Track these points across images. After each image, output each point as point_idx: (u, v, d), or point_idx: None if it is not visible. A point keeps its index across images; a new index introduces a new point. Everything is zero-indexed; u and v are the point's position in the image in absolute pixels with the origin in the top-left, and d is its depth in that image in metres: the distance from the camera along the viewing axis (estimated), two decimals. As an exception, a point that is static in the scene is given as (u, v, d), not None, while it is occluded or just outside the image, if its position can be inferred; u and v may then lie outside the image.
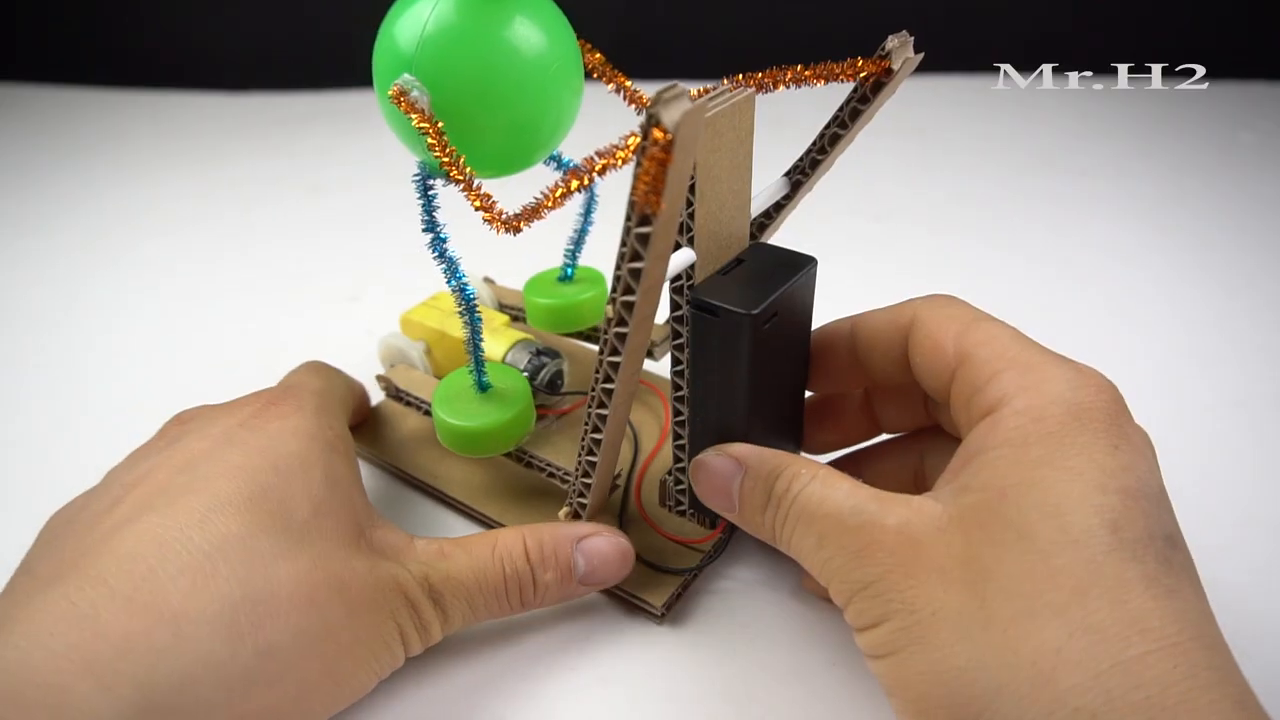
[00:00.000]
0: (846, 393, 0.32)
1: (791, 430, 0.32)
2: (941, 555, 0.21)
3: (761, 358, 0.27)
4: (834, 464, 0.33)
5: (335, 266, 0.57)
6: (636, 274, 0.22)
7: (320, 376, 0.34)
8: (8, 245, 0.61)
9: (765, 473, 0.25)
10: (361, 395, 0.38)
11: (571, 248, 0.38)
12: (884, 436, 0.33)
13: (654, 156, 0.19)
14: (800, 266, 0.28)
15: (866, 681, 0.29)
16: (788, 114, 0.52)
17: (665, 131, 0.19)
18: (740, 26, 0.88)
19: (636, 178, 0.20)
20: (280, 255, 0.59)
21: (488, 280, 0.44)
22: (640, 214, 0.21)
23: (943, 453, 0.29)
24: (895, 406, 0.31)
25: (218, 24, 0.92)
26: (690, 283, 0.27)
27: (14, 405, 0.45)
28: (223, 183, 0.70)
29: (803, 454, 0.30)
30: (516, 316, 0.42)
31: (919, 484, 0.31)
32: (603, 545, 0.30)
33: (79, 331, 0.51)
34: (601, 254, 0.39)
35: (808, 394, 0.32)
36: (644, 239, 0.21)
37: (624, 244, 0.22)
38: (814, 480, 0.24)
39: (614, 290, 0.23)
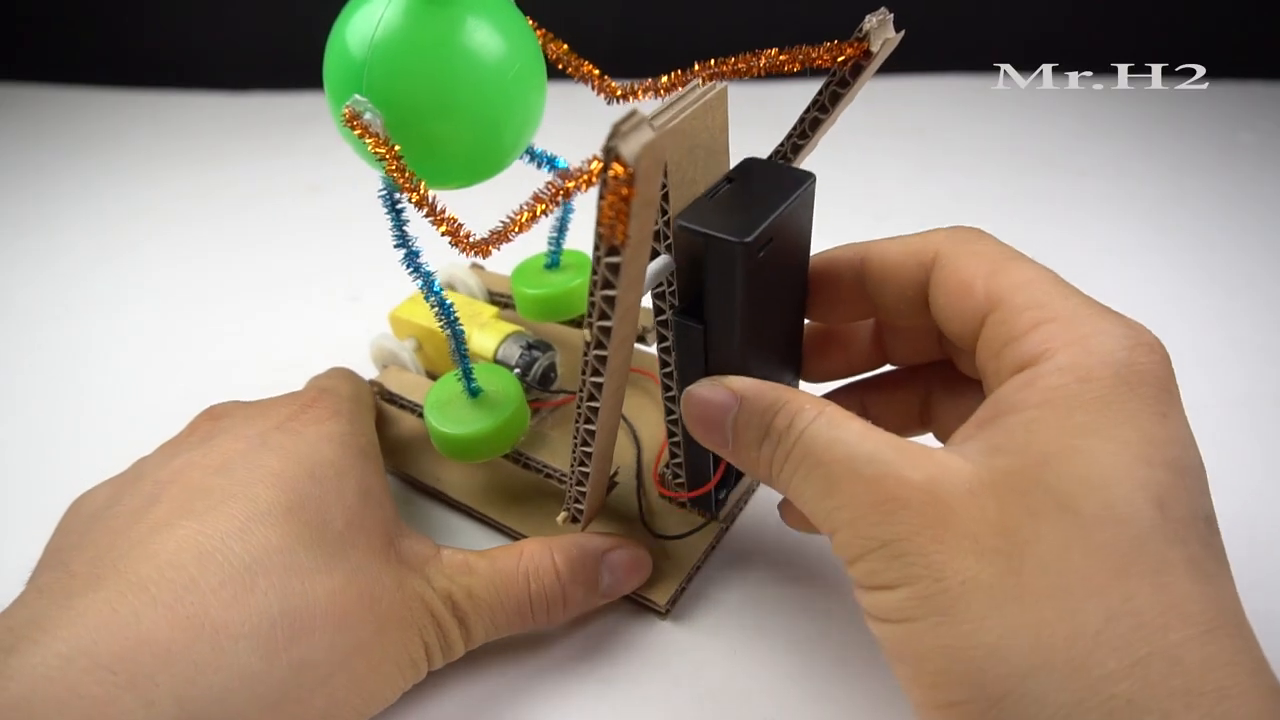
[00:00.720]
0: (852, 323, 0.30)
1: (790, 363, 0.30)
2: (974, 521, 0.19)
3: (757, 288, 0.25)
4: (832, 395, 0.31)
5: (334, 266, 0.57)
6: (610, 300, 0.21)
7: (350, 382, 0.34)
8: (8, 245, 0.61)
9: (763, 407, 0.23)
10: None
11: (555, 235, 0.38)
12: (887, 367, 0.31)
13: (615, 191, 0.18)
14: (797, 184, 0.25)
15: (868, 679, 0.29)
16: (787, 113, 0.52)
17: (625, 165, 0.18)
18: (738, 26, 0.88)
19: (600, 210, 0.19)
20: (279, 255, 0.59)
21: (476, 267, 0.44)
22: (608, 244, 0.20)
23: (956, 394, 0.28)
24: (905, 341, 0.29)
25: (218, 24, 0.92)
26: (672, 289, 0.26)
27: (13, 405, 0.45)
28: (222, 183, 0.70)
29: (802, 385, 0.29)
30: (506, 304, 0.41)
31: (924, 421, 0.29)
32: (626, 559, 0.30)
33: (79, 331, 0.51)
34: (587, 236, 0.39)
35: (807, 322, 0.30)
36: (614, 268, 0.20)
37: (595, 272, 0.21)
38: (820, 418, 0.22)
39: (590, 315, 0.22)
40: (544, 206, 0.22)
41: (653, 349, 0.36)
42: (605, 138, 0.18)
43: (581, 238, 0.38)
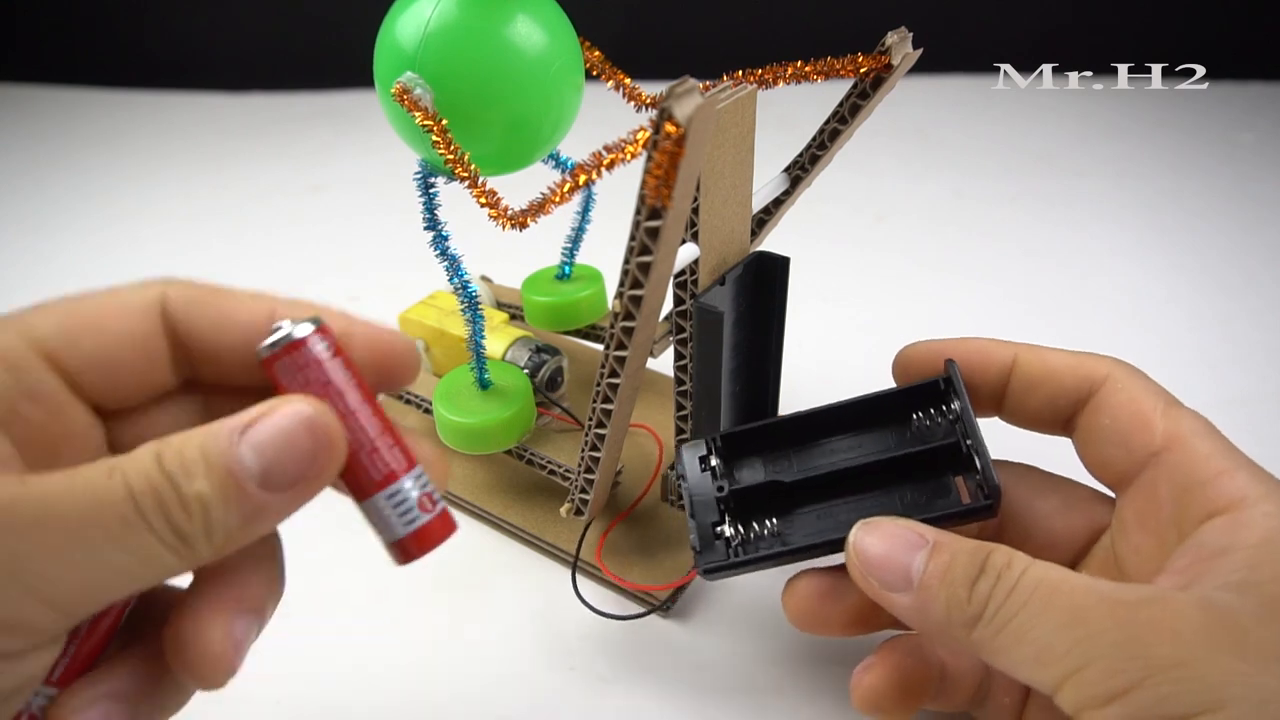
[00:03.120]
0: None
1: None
2: (1271, 641, 0.19)
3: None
4: None
5: (335, 266, 0.57)
6: (645, 268, 0.22)
7: None
8: (8, 245, 0.61)
9: (970, 548, 0.22)
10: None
11: (569, 245, 0.38)
12: None
13: (666, 150, 0.19)
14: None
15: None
16: (787, 113, 0.53)
17: (678, 125, 0.19)
18: (741, 26, 0.88)
19: (647, 172, 0.20)
20: (280, 255, 0.59)
21: (485, 279, 0.44)
22: (651, 208, 0.21)
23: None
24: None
25: (218, 24, 0.92)
26: (694, 277, 0.27)
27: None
28: (223, 183, 0.70)
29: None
30: (515, 314, 0.42)
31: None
32: (280, 424, 0.17)
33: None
34: (598, 252, 0.39)
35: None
36: (653, 233, 0.21)
37: (633, 238, 0.22)
38: (1036, 563, 0.21)
39: (621, 284, 0.23)
40: (586, 176, 0.23)
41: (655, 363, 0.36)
42: (660, 101, 0.19)
43: (593, 253, 0.38)
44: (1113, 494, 0.25)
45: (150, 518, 0.16)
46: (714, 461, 0.27)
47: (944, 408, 0.26)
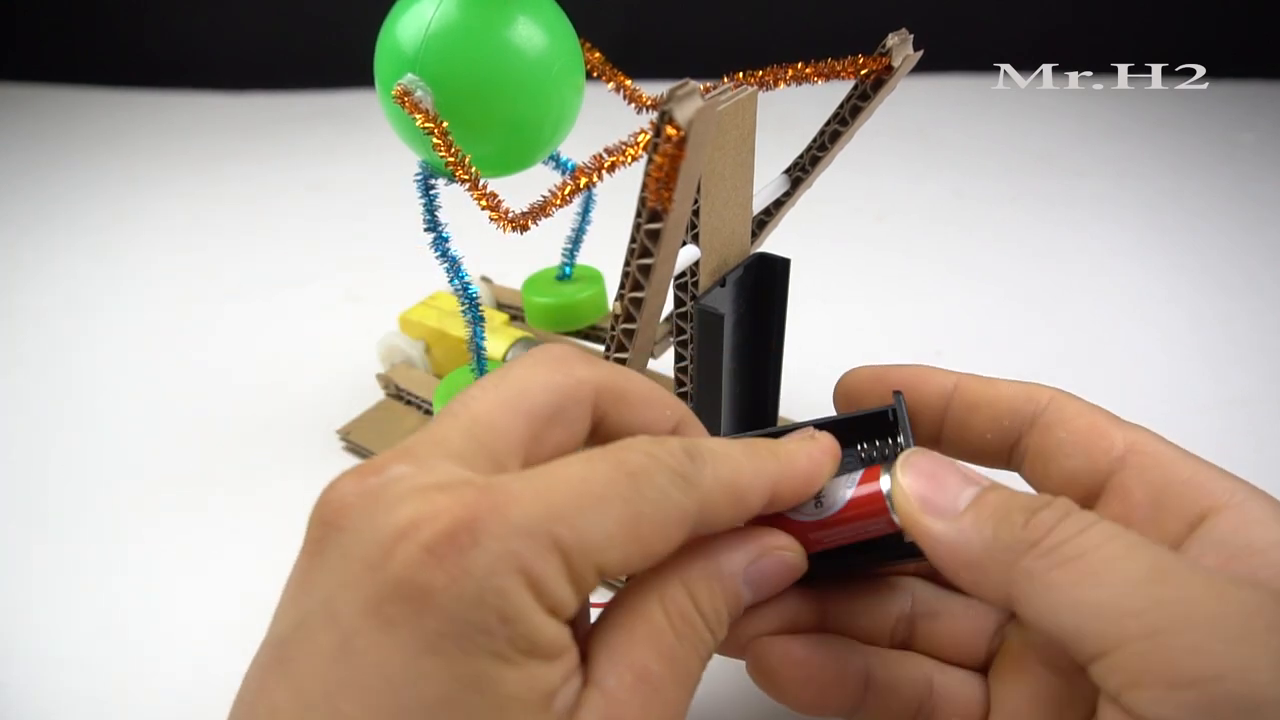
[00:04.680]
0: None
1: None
2: None
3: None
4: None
5: (335, 266, 0.57)
6: (645, 270, 0.22)
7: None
8: (7, 245, 0.61)
9: (1028, 495, 0.20)
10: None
11: (570, 246, 0.38)
12: None
13: (666, 153, 0.19)
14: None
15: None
16: (788, 114, 0.52)
17: (678, 128, 0.19)
18: (740, 26, 0.88)
19: (648, 174, 0.20)
20: (279, 255, 0.59)
21: (485, 280, 0.44)
22: (651, 211, 0.21)
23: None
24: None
25: (218, 24, 0.92)
26: (694, 279, 0.27)
27: (12, 404, 0.45)
28: (223, 182, 0.70)
29: None
30: (515, 315, 0.42)
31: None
32: (772, 569, 0.22)
33: (77, 331, 0.51)
34: (599, 252, 0.39)
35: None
36: (654, 235, 0.21)
37: (633, 240, 0.22)
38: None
39: (622, 287, 0.23)
40: (587, 179, 0.23)
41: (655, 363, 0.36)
42: (660, 103, 0.19)
43: (593, 253, 0.38)
44: None
45: (681, 633, 0.20)
46: None
47: (890, 440, 0.25)
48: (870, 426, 0.25)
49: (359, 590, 0.16)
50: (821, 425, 0.25)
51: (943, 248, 0.57)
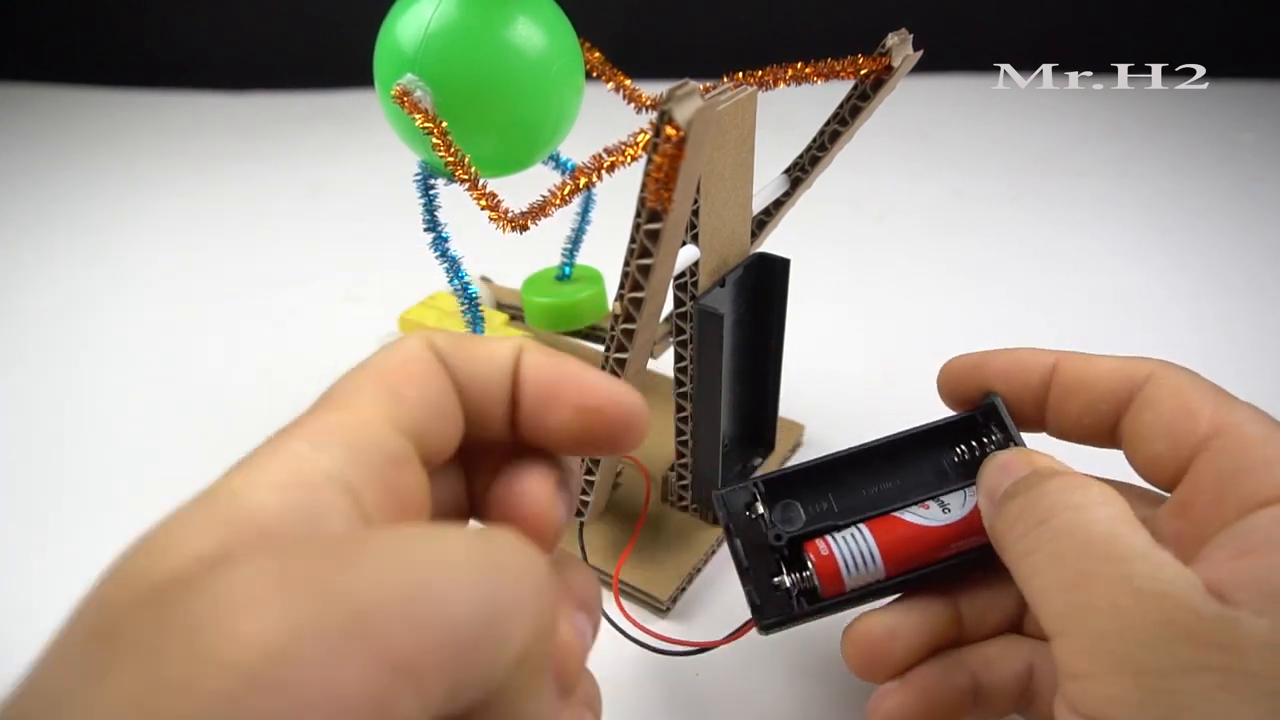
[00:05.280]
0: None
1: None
2: (1272, 678, 0.17)
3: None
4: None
5: (335, 266, 0.57)
6: (645, 270, 0.22)
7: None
8: (7, 245, 0.61)
9: (1046, 462, 0.22)
10: None
11: (569, 246, 0.38)
12: None
13: (666, 153, 0.19)
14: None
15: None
16: (787, 114, 0.52)
17: (678, 129, 0.19)
18: (740, 26, 0.88)
19: (648, 175, 0.20)
20: (279, 255, 0.59)
21: (485, 279, 0.44)
22: (651, 211, 0.21)
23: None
24: None
25: (218, 24, 0.92)
26: (694, 279, 0.27)
27: (11, 404, 0.45)
28: (222, 182, 0.70)
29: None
30: (515, 315, 0.42)
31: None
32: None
33: (77, 331, 0.51)
34: (599, 252, 0.39)
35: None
36: (654, 235, 0.21)
37: (633, 240, 0.22)
38: (1086, 490, 0.20)
39: (622, 287, 0.23)
40: (586, 179, 0.23)
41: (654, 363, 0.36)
42: (660, 103, 0.19)
43: (593, 253, 0.38)
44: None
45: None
46: (761, 509, 0.25)
47: (989, 439, 0.25)
48: (965, 428, 0.26)
49: None
50: (918, 435, 0.26)
51: (943, 248, 0.57)
